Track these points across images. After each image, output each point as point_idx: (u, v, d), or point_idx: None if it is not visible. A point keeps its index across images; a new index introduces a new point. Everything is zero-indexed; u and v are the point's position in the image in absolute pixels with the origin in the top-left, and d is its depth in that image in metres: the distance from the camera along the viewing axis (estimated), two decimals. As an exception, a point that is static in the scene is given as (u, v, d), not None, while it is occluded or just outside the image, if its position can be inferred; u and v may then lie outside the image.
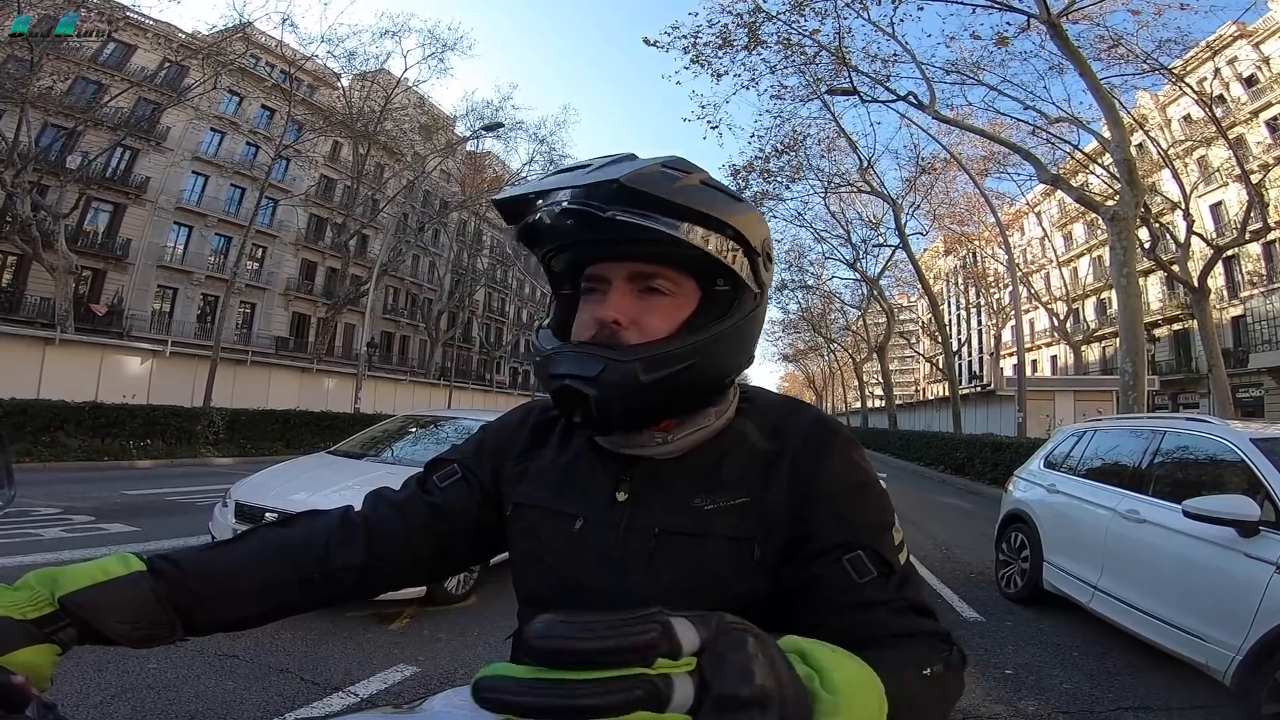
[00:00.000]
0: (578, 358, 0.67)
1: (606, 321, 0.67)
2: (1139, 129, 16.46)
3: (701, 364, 0.67)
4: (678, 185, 0.64)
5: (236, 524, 4.16)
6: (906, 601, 0.64)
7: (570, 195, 0.64)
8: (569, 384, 0.66)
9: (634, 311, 0.68)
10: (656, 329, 0.68)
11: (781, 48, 14.03)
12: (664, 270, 0.69)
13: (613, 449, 0.73)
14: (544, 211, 0.66)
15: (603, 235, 0.66)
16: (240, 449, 13.63)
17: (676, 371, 0.66)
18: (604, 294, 0.70)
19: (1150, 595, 3.52)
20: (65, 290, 16.29)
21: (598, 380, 0.64)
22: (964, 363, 45.74)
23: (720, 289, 0.70)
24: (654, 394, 0.66)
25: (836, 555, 0.65)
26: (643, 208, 0.63)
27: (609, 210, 0.63)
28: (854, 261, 27.80)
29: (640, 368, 0.65)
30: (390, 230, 26.04)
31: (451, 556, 0.83)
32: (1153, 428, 4.24)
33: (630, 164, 0.65)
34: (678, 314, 0.69)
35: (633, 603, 0.67)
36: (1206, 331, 15.06)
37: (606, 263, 0.70)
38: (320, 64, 23.29)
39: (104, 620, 0.62)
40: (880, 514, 0.68)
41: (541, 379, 0.71)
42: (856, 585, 0.63)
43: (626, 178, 0.62)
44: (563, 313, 0.76)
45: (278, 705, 2.72)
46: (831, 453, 0.70)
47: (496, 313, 47.50)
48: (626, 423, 0.69)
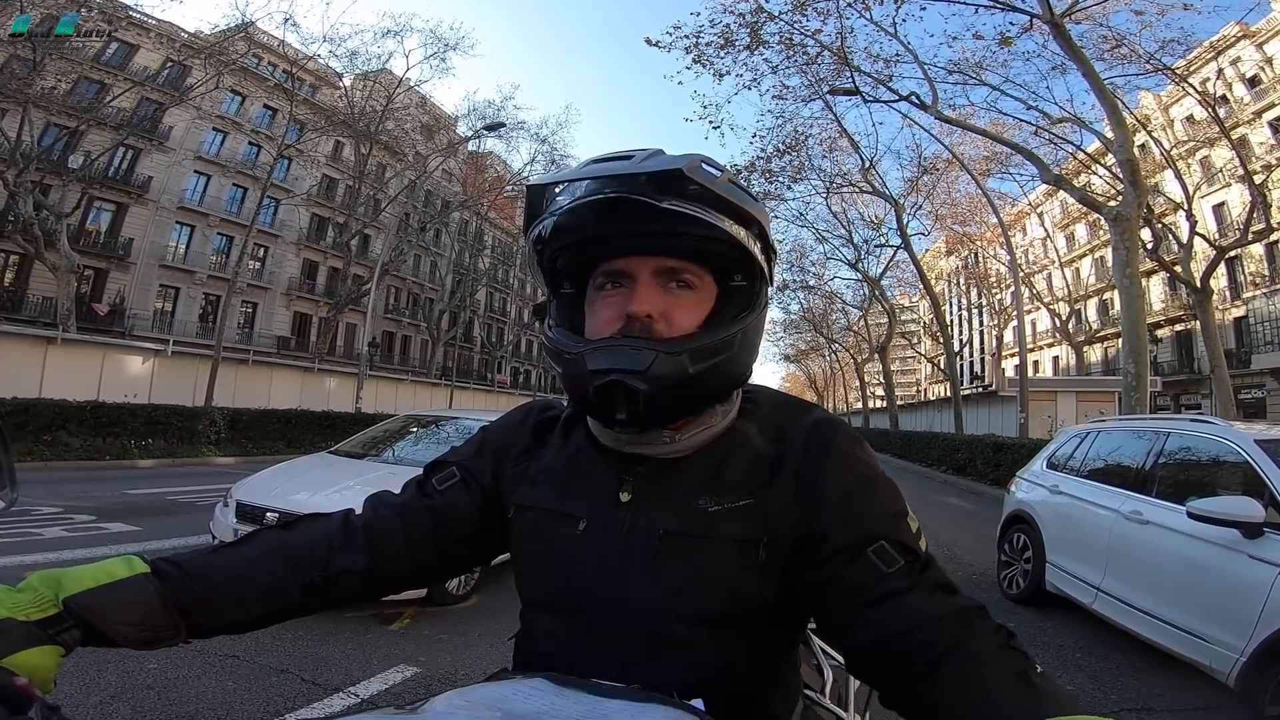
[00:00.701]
0: (623, 352, 0.64)
1: (639, 316, 0.66)
2: (1142, 129, 16.40)
3: (737, 356, 0.68)
4: (721, 181, 0.64)
5: (237, 524, 4.16)
6: (934, 582, 0.63)
7: (619, 185, 0.64)
8: (618, 379, 0.63)
9: (663, 306, 0.67)
10: (685, 324, 0.68)
11: (783, 48, 14.02)
12: (689, 265, 0.68)
13: (617, 447, 0.72)
14: (581, 203, 0.65)
15: (637, 229, 0.66)
16: (241, 449, 13.64)
17: (719, 363, 0.66)
18: (627, 289, 0.69)
19: (1153, 596, 3.51)
20: (67, 290, 16.30)
21: (648, 374, 0.63)
22: (966, 363, 45.70)
23: (737, 284, 0.70)
24: (698, 387, 0.66)
25: (858, 550, 0.64)
26: (696, 200, 0.63)
27: (665, 200, 0.63)
28: (855, 262, 27.78)
29: (689, 359, 0.64)
30: (392, 230, 26.09)
31: (452, 559, 0.83)
32: (1156, 429, 4.22)
33: (674, 157, 0.64)
34: (701, 309, 0.69)
35: (636, 606, 0.68)
36: (1209, 332, 15.02)
37: (630, 257, 0.68)
38: (322, 64, 23.35)
39: (108, 622, 0.62)
40: (892, 504, 0.68)
41: (572, 376, 0.68)
42: (885, 576, 0.62)
43: (688, 167, 0.61)
44: (565, 312, 0.75)
45: (278, 706, 2.71)
46: (832, 452, 0.70)
47: (498, 312, 47.53)
48: (668, 418, 0.68)
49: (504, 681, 0.63)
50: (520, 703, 0.57)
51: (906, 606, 0.61)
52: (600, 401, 0.66)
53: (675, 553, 0.67)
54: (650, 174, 0.62)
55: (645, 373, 0.63)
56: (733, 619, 0.67)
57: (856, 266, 27.96)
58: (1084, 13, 11.86)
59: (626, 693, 0.59)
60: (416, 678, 3.12)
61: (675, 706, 0.57)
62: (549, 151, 27.30)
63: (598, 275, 0.71)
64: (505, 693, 0.59)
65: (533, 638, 0.75)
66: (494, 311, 46.93)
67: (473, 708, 0.55)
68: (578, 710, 0.56)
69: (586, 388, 0.65)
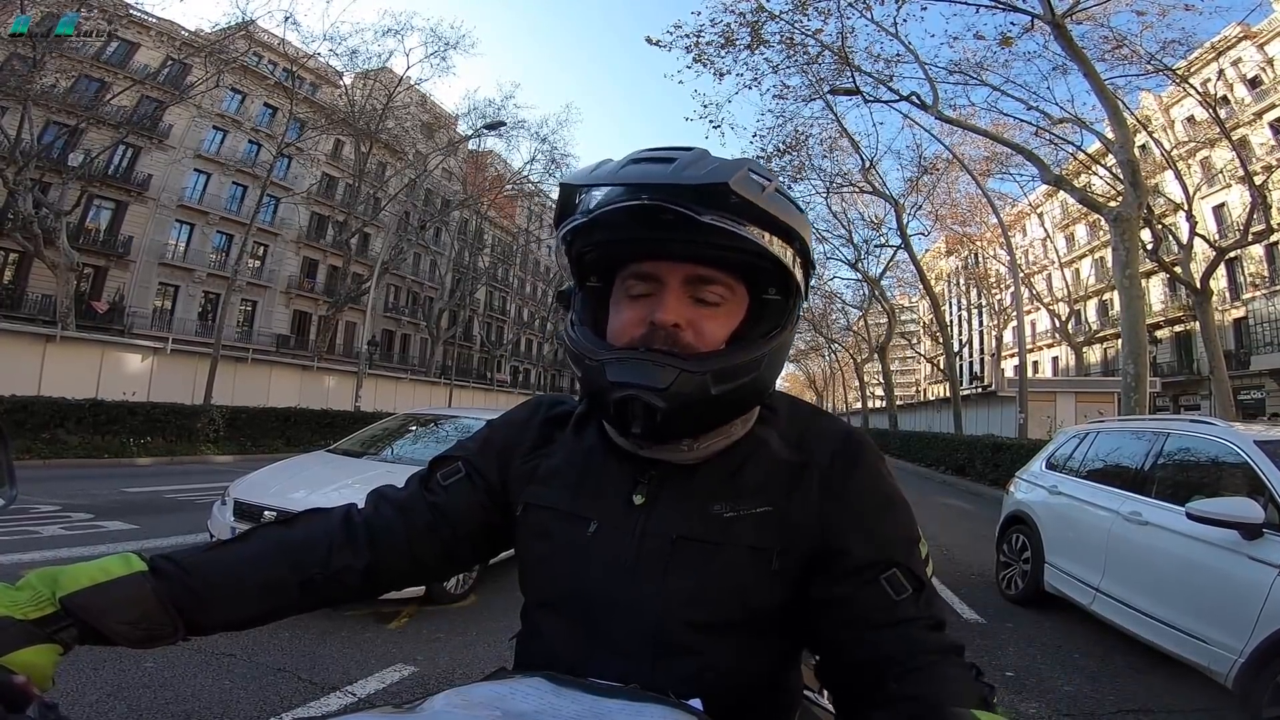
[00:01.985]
0: (645, 366, 0.62)
1: (666, 325, 0.64)
2: (1142, 130, 16.40)
3: (762, 375, 0.66)
4: (765, 193, 0.62)
5: (235, 522, 4.15)
6: (934, 619, 0.64)
7: (659, 193, 0.61)
8: (637, 395, 0.62)
9: (691, 315, 0.66)
10: (714, 336, 0.66)
11: (784, 47, 14.01)
12: (722, 275, 0.66)
13: (633, 450, 0.71)
14: (618, 207, 0.62)
15: (671, 234, 0.63)
16: (240, 447, 13.63)
17: (743, 384, 0.64)
18: (655, 294, 0.66)
19: (1152, 597, 3.50)
20: (66, 287, 16.29)
21: (669, 392, 0.61)
22: (965, 363, 45.72)
23: (770, 297, 0.68)
24: (719, 407, 0.64)
25: (872, 574, 0.64)
26: (738, 214, 0.61)
27: (706, 214, 0.60)
28: (855, 262, 27.78)
29: (712, 380, 0.62)
30: (392, 228, 26.06)
31: (454, 557, 0.81)
32: (1155, 429, 4.22)
33: (719, 163, 0.62)
34: (731, 321, 0.67)
35: (645, 611, 0.67)
36: (1209, 333, 15.03)
37: (662, 261, 0.66)
38: (323, 62, 23.35)
39: (105, 620, 0.62)
40: (909, 529, 0.68)
41: (591, 383, 0.67)
42: (893, 604, 0.63)
43: (735, 182, 0.59)
44: (590, 306, 0.73)
45: (275, 705, 2.70)
46: (860, 469, 0.69)
47: (497, 311, 47.49)
48: (686, 434, 0.67)
49: (502, 680, 0.63)
50: (518, 702, 0.56)
51: (906, 637, 0.62)
52: (618, 414, 0.64)
53: (688, 558, 0.67)
54: (694, 186, 0.59)
55: (666, 390, 0.61)
56: (742, 626, 0.67)
57: (856, 266, 27.97)
58: (1085, 13, 11.86)
59: (625, 692, 0.59)
60: (414, 677, 3.11)
61: (674, 706, 0.57)
62: (549, 150, 27.42)
63: (626, 275, 0.69)
64: (503, 691, 0.58)
65: (536, 639, 0.74)
66: (493, 310, 46.89)
67: (471, 706, 0.55)
68: (576, 709, 0.55)
69: (605, 397, 0.64)
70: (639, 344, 0.65)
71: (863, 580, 0.64)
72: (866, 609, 0.64)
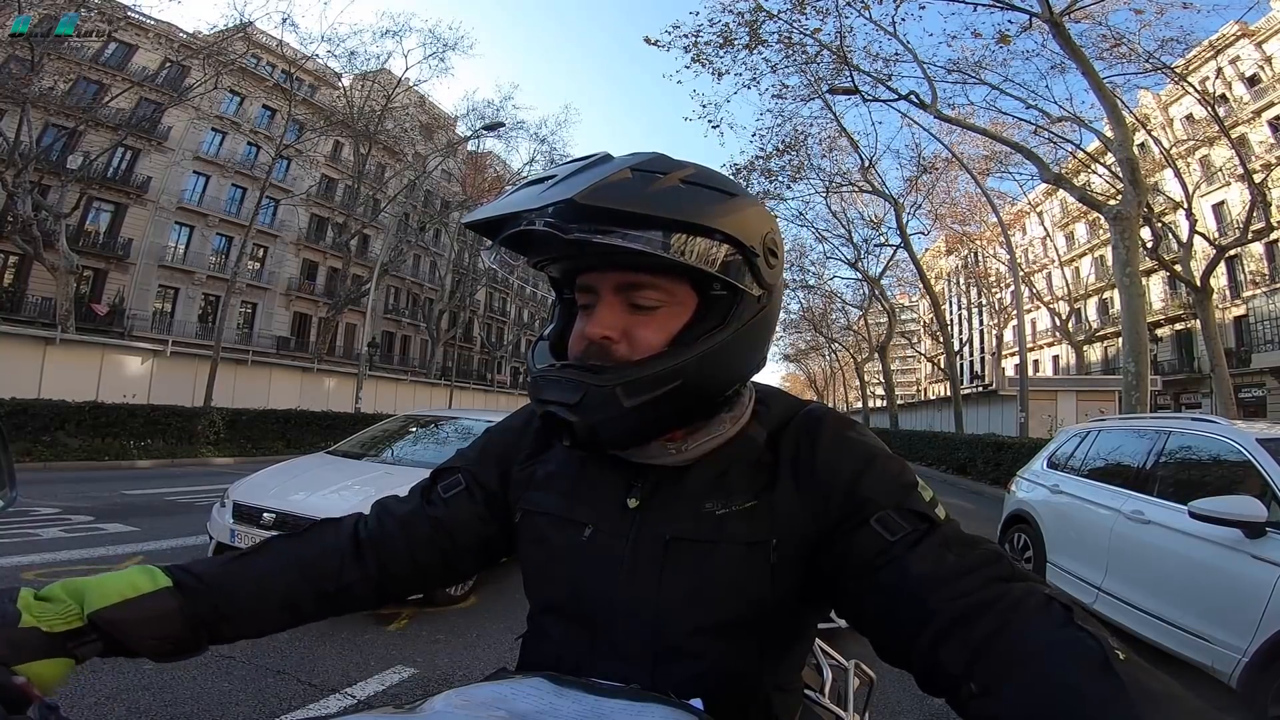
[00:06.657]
0: (560, 383, 0.64)
1: (595, 339, 0.65)
2: (1141, 128, 16.41)
3: (694, 380, 0.64)
4: (653, 190, 0.59)
5: (234, 524, 4.15)
6: (954, 538, 0.60)
7: (533, 215, 0.60)
8: (551, 410, 0.64)
9: (625, 324, 0.65)
10: (650, 342, 0.65)
11: (783, 47, 14.01)
12: (654, 279, 0.65)
13: (625, 456, 0.71)
14: (524, 225, 0.62)
15: (575, 249, 0.62)
16: (241, 449, 13.63)
17: (664, 394, 0.63)
18: (594, 305, 0.67)
19: (1155, 597, 3.50)
20: (66, 290, 16.28)
21: (579, 407, 0.62)
22: (965, 362, 45.73)
23: (718, 294, 0.66)
24: (641, 417, 0.63)
25: (860, 519, 0.62)
26: (609, 223, 0.58)
27: (571, 231, 0.58)
28: (855, 261, 27.75)
29: (622, 392, 0.62)
30: (391, 230, 26.06)
31: (457, 567, 0.83)
32: (1157, 428, 4.21)
33: (595, 171, 0.60)
34: (672, 324, 0.66)
35: (644, 613, 0.66)
36: (1209, 331, 15.02)
37: (594, 273, 0.67)
38: (321, 64, 23.33)
39: (133, 636, 0.63)
40: (896, 475, 0.65)
41: (533, 400, 0.70)
42: (889, 544, 0.60)
43: (581, 195, 0.57)
44: (564, 319, 0.74)
45: (274, 707, 2.70)
46: (822, 440, 0.69)
47: (497, 313, 47.52)
48: (616, 444, 0.67)
49: (503, 681, 0.62)
50: (519, 702, 0.56)
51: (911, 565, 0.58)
52: (548, 428, 0.67)
53: (684, 558, 0.66)
54: (554, 204, 0.59)
55: (575, 406, 0.63)
56: (743, 624, 0.66)
57: (856, 266, 27.95)
58: (1083, 11, 11.86)
59: (625, 692, 0.59)
60: (414, 678, 3.10)
61: (674, 706, 0.56)
62: (548, 151, 27.31)
63: (576, 288, 0.70)
64: (504, 692, 0.58)
65: (540, 641, 0.75)
66: (494, 311, 46.92)
67: (471, 707, 0.55)
68: (576, 709, 0.55)
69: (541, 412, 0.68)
70: (578, 357, 0.67)
71: (851, 528, 0.62)
72: (864, 556, 0.61)
